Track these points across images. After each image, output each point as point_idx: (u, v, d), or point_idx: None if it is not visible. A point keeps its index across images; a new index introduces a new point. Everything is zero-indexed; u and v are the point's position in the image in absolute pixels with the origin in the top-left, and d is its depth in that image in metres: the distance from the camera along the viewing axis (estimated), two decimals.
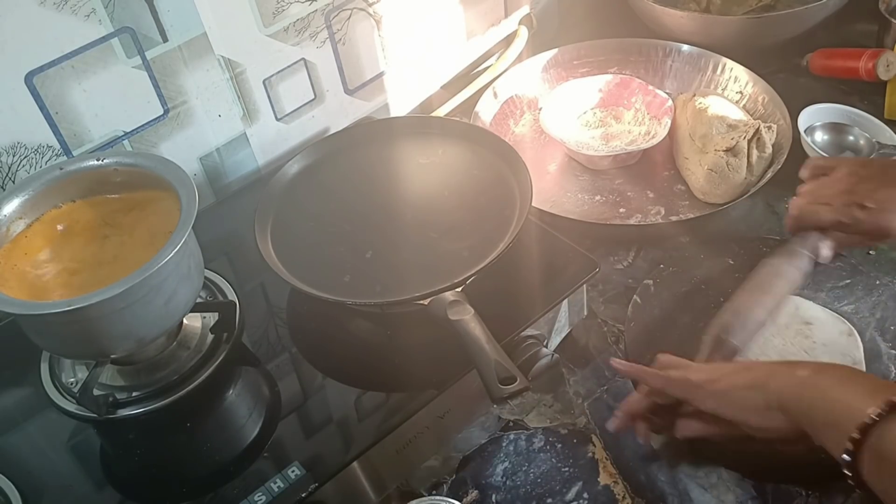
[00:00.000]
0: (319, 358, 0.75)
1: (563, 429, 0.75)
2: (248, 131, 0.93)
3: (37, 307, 0.62)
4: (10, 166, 0.77)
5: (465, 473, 0.72)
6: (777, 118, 0.98)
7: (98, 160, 0.71)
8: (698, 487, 0.69)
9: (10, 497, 0.65)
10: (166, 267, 0.62)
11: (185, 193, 0.66)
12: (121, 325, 0.64)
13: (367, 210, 0.82)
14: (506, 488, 0.71)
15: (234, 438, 0.69)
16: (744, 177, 0.91)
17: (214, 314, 0.75)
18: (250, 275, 0.83)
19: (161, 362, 0.72)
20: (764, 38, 1.10)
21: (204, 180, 0.92)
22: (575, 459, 0.72)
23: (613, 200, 0.96)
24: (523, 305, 0.75)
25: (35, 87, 0.75)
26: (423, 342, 0.73)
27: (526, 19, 1.16)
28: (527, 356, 0.72)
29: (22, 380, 0.75)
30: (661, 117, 1.00)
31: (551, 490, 0.70)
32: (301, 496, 0.62)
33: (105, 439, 0.72)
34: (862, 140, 0.99)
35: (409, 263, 0.76)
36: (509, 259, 0.73)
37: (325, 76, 0.97)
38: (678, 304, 0.81)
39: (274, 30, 0.89)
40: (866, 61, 1.04)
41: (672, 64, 1.11)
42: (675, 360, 0.69)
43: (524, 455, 0.73)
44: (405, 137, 0.89)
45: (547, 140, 1.04)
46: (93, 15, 0.75)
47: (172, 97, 0.84)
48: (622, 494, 0.69)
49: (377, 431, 0.67)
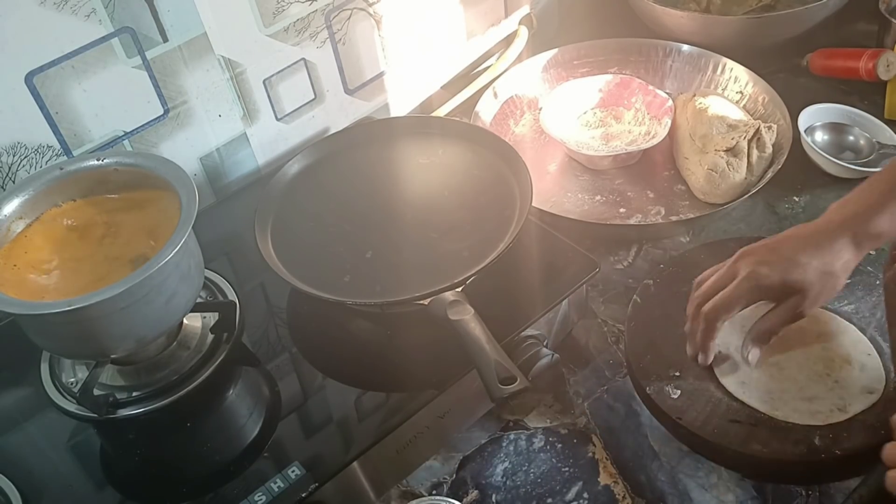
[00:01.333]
0: (319, 358, 0.75)
1: (563, 429, 0.75)
2: (248, 131, 0.93)
3: (37, 307, 0.62)
4: (10, 166, 0.77)
5: (465, 473, 0.72)
6: (777, 118, 0.98)
7: (98, 160, 0.71)
8: (698, 487, 0.69)
9: (10, 497, 0.65)
10: (166, 267, 0.62)
11: (185, 193, 0.66)
12: (121, 325, 0.64)
13: (367, 210, 0.82)
14: (506, 488, 0.71)
15: (234, 438, 0.69)
16: (744, 177, 0.91)
17: (214, 314, 0.75)
18: (250, 275, 0.83)
19: (161, 362, 0.72)
20: (764, 38, 1.10)
21: (204, 180, 0.92)
22: (575, 459, 0.72)
23: (613, 200, 0.96)
24: (523, 305, 0.75)
25: (35, 87, 0.75)
26: (423, 342, 0.73)
27: (526, 19, 1.16)
28: (527, 356, 0.72)
29: (22, 380, 0.75)
30: (661, 117, 1.00)
31: (551, 490, 0.70)
32: (301, 496, 0.62)
33: (105, 439, 0.72)
34: (862, 140, 0.99)
35: (409, 263, 0.76)
36: (509, 259, 0.73)
37: (325, 76, 0.97)
38: (678, 304, 0.80)
39: (274, 30, 0.89)
40: (866, 61, 1.04)
41: (672, 64, 1.11)
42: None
43: (524, 455, 0.73)
44: (405, 137, 0.89)
45: (547, 140, 1.04)
46: (93, 15, 0.75)
47: (172, 97, 0.84)
48: (622, 494, 0.69)
49: (377, 431, 0.67)
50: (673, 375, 0.74)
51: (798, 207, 0.94)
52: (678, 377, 0.74)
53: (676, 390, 0.73)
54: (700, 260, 0.85)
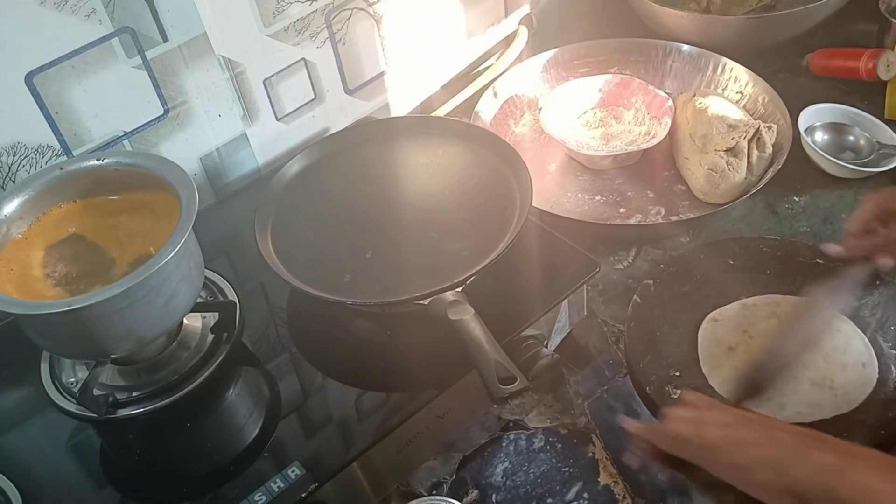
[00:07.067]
0: (319, 358, 0.75)
1: (563, 429, 0.75)
2: (248, 131, 0.93)
3: (37, 307, 0.62)
4: (11, 166, 0.77)
5: (465, 473, 0.72)
6: (777, 118, 0.98)
7: (98, 160, 0.71)
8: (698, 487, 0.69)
9: (10, 497, 0.65)
10: (166, 267, 0.62)
11: (185, 193, 0.66)
12: (121, 325, 0.64)
13: (367, 210, 0.82)
14: (506, 488, 0.71)
15: (234, 438, 0.69)
16: (744, 177, 0.91)
17: (214, 314, 0.75)
18: (250, 275, 0.83)
19: (161, 362, 0.72)
20: (764, 38, 1.10)
21: (204, 180, 0.92)
22: (575, 459, 0.72)
23: (613, 200, 0.96)
24: (523, 305, 0.75)
25: (35, 87, 0.75)
26: (423, 342, 0.73)
27: (526, 19, 1.16)
28: (527, 356, 0.72)
29: (22, 380, 0.75)
30: (661, 117, 1.00)
31: (551, 490, 0.70)
32: (301, 496, 0.63)
33: (105, 439, 0.72)
34: (862, 140, 0.99)
35: (409, 263, 0.76)
36: (509, 259, 0.73)
37: (325, 76, 0.97)
38: (678, 304, 0.80)
39: (274, 30, 0.89)
40: (866, 61, 1.04)
41: (672, 64, 1.11)
42: (699, 399, 0.64)
43: (524, 455, 0.73)
44: (405, 137, 0.89)
45: (547, 140, 1.04)
46: (93, 15, 0.75)
47: (172, 97, 0.84)
48: (622, 494, 0.69)
49: (377, 431, 0.67)
50: (673, 375, 0.74)
51: (798, 207, 0.94)
52: (678, 377, 0.74)
53: (676, 390, 0.73)
54: (700, 260, 0.85)
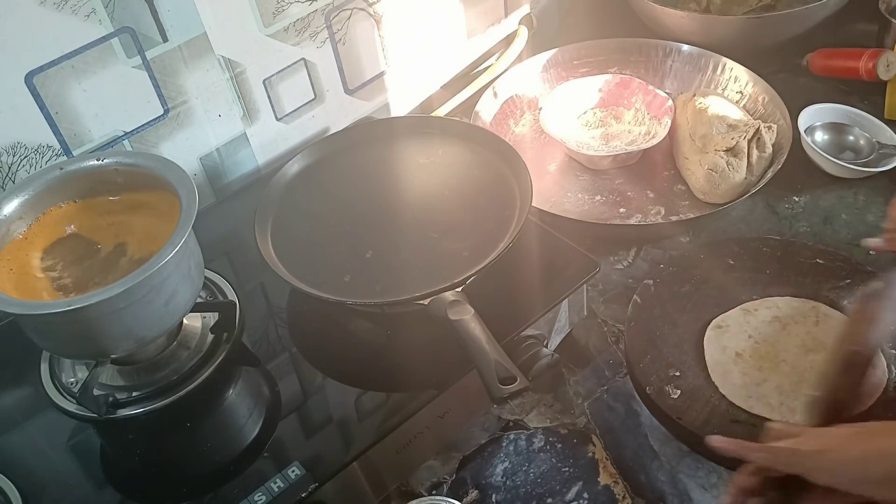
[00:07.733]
0: (319, 358, 0.75)
1: (563, 429, 0.75)
2: (248, 131, 0.93)
3: (37, 307, 0.62)
4: (10, 166, 0.77)
5: (465, 473, 0.72)
6: (777, 118, 0.98)
7: (98, 160, 0.71)
8: (698, 487, 0.69)
9: (10, 497, 0.65)
10: (166, 267, 0.62)
11: (185, 193, 0.66)
12: (121, 325, 0.64)
13: (367, 210, 0.82)
14: (506, 488, 0.71)
15: (234, 438, 0.69)
16: (744, 177, 0.91)
17: (214, 314, 0.75)
18: (250, 275, 0.83)
19: (161, 362, 0.72)
20: (764, 38, 1.10)
21: (204, 180, 0.92)
22: (575, 459, 0.72)
23: (613, 200, 0.96)
24: (523, 305, 0.75)
25: (35, 87, 0.75)
26: (423, 342, 0.73)
27: (526, 19, 1.16)
28: (527, 356, 0.72)
29: (22, 380, 0.75)
30: (661, 117, 1.00)
31: (551, 490, 0.70)
32: (301, 496, 0.63)
33: (105, 439, 0.72)
34: (862, 140, 0.99)
35: (409, 263, 0.76)
36: (509, 259, 0.73)
37: (325, 76, 0.97)
38: (678, 304, 0.81)
39: (274, 30, 0.89)
40: (866, 61, 1.04)
41: (672, 64, 1.11)
42: (786, 428, 0.61)
43: (524, 455, 0.73)
44: (405, 137, 0.89)
45: (547, 140, 1.04)
46: (93, 15, 0.75)
47: (172, 97, 0.84)
48: (622, 494, 0.69)
49: (377, 431, 0.67)
50: (673, 375, 0.74)
51: (798, 207, 0.94)
52: (678, 377, 0.74)
53: (676, 390, 0.73)
54: (700, 260, 0.85)
